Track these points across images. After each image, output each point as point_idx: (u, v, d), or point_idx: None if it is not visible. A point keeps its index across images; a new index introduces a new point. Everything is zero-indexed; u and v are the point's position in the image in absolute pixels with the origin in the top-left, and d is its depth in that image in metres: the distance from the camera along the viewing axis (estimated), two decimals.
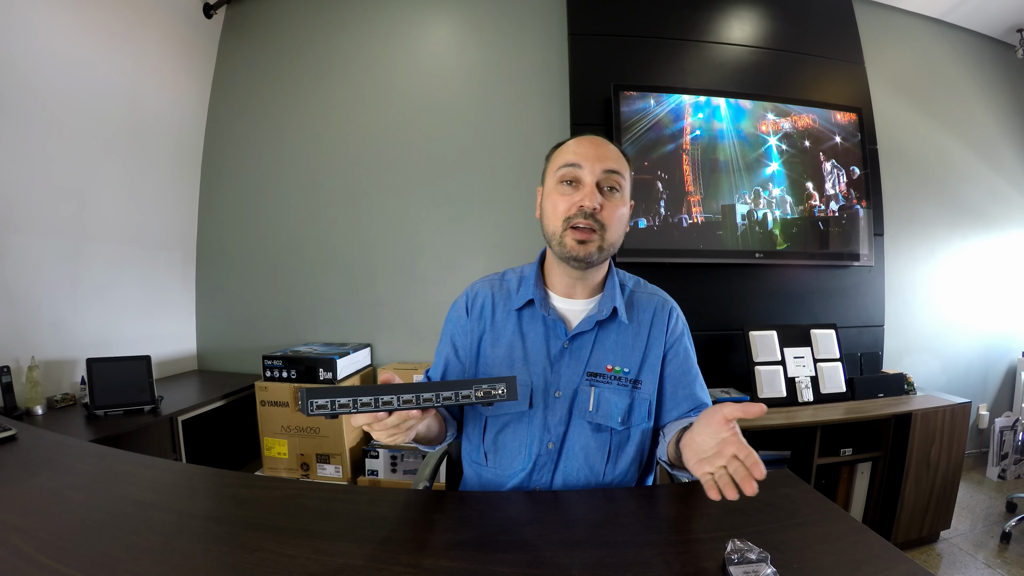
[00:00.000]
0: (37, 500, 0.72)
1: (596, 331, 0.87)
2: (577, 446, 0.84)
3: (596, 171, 0.80)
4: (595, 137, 0.84)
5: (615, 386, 0.85)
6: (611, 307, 0.86)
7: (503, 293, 0.92)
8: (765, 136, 2.22)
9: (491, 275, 0.97)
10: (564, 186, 0.82)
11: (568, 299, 0.89)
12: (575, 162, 0.81)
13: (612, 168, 0.81)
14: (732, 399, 1.98)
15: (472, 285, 0.96)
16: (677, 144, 2.15)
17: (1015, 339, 2.70)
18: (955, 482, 1.95)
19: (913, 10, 2.58)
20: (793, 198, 2.23)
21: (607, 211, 0.80)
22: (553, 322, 0.87)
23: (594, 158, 0.80)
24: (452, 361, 0.93)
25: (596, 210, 0.79)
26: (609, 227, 0.80)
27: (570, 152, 0.82)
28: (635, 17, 2.26)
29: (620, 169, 0.82)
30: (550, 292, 0.90)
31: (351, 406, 0.59)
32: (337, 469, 2.00)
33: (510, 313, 0.90)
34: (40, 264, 1.76)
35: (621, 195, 0.82)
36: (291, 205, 2.45)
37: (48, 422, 1.59)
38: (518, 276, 0.94)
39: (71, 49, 1.84)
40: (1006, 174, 2.69)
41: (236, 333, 2.48)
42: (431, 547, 0.61)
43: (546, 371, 0.85)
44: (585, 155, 0.81)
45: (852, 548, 0.61)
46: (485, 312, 0.91)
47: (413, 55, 2.42)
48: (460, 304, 0.95)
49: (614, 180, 0.81)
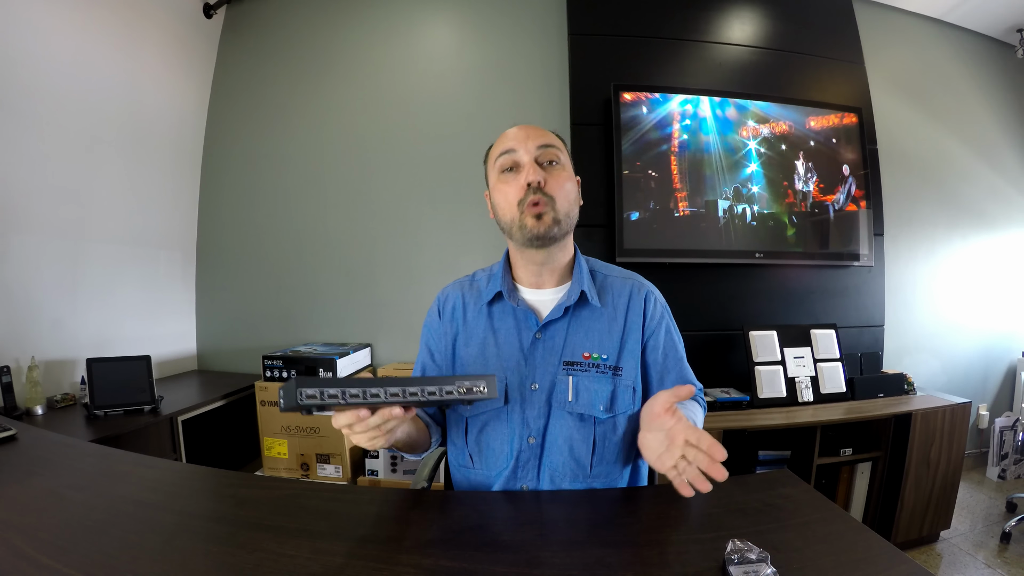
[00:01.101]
0: (37, 500, 0.72)
1: (568, 319, 0.86)
2: (560, 439, 0.82)
3: (531, 149, 0.82)
4: (526, 124, 0.86)
5: (594, 373, 0.84)
6: (579, 291, 0.85)
7: (473, 292, 0.93)
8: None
9: (461, 278, 0.98)
10: (507, 174, 0.83)
11: (536, 290, 0.89)
12: (508, 148, 0.83)
13: (545, 143, 0.83)
14: (732, 399, 1.99)
15: (443, 289, 0.97)
16: (667, 146, 2.16)
17: (1015, 339, 2.69)
18: (955, 482, 1.95)
19: (913, 10, 2.58)
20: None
21: (552, 182, 0.81)
22: (524, 313, 0.86)
23: (525, 138, 0.83)
24: (429, 366, 0.94)
25: (541, 184, 0.80)
26: (557, 197, 0.81)
27: (503, 141, 0.85)
28: (635, 17, 2.26)
29: (554, 143, 0.84)
30: (518, 286, 0.90)
31: (340, 397, 0.57)
32: (337, 469, 2.00)
33: (481, 310, 0.90)
34: (40, 264, 1.76)
35: (561, 166, 0.84)
36: (291, 205, 2.45)
37: (48, 422, 1.59)
38: (487, 274, 0.95)
39: (71, 49, 1.84)
40: (1006, 174, 2.69)
41: (236, 333, 2.48)
42: (431, 547, 0.61)
43: (520, 364, 0.84)
44: (516, 137, 0.83)
45: (852, 548, 0.61)
46: (456, 313, 0.92)
47: (413, 55, 2.42)
48: (432, 310, 0.96)
49: (551, 154, 0.83)
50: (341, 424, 0.63)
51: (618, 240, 2.07)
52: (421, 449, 0.90)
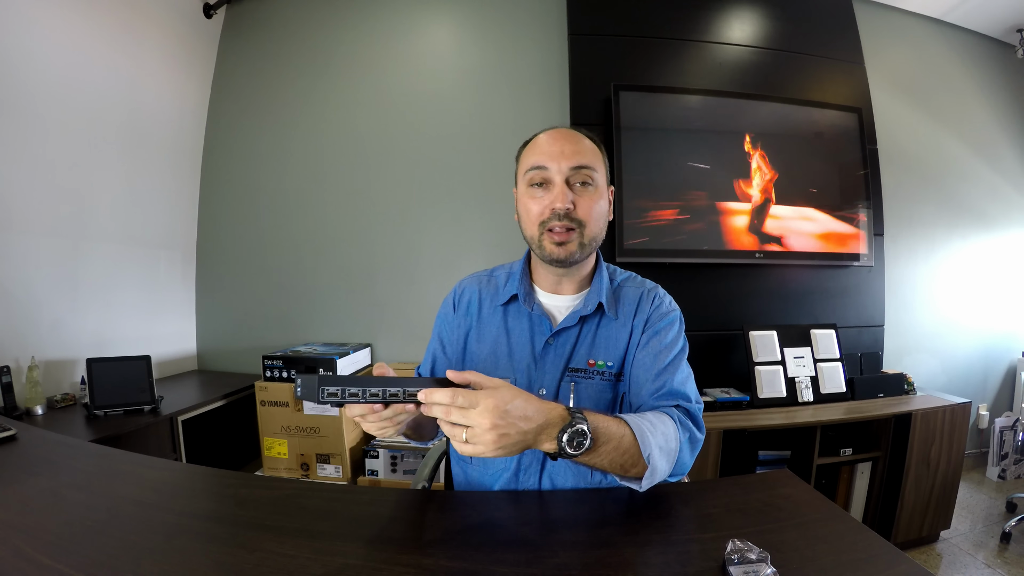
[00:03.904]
0: (37, 500, 0.72)
1: (580, 326, 0.84)
2: None
3: (564, 169, 0.78)
4: (560, 131, 0.81)
5: (598, 381, 0.82)
6: (596, 302, 0.83)
7: (490, 289, 0.91)
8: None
9: (480, 272, 0.96)
10: (535, 188, 0.80)
11: (554, 295, 0.87)
12: (541, 164, 0.79)
13: (580, 164, 0.78)
14: (732, 399, 1.99)
15: (460, 282, 0.96)
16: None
17: (1015, 339, 2.69)
18: (955, 482, 1.95)
19: (913, 10, 2.58)
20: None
21: (582, 207, 0.78)
22: (538, 318, 0.85)
23: (560, 156, 0.78)
24: (439, 357, 0.93)
25: (570, 209, 0.77)
26: (588, 222, 0.79)
27: (536, 153, 0.80)
28: (635, 17, 2.26)
29: (589, 163, 0.79)
30: (536, 287, 0.88)
31: (360, 396, 0.57)
32: (337, 469, 2.00)
33: (496, 309, 0.88)
34: (40, 264, 1.76)
35: (595, 187, 0.80)
36: (291, 205, 2.45)
37: (48, 422, 1.59)
38: (506, 272, 0.93)
39: (71, 49, 1.84)
40: (1006, 174, 2.69)
41: (236, 333, 2.48)
42: (431, 547, 0.61)
43: (530, 368, 0.84)
44: (551, 155, 0.78)
45: (852, 548, 0.61)
46: (472, 308, 0.91)
47: (413, 55, 2.42)
48: (448, 301, 0.95)
49: (584, 175, 0.78)
50: (355, 414, 0.63)
51: (618, 240, 2.07)
52: (430, 437, 0.90)
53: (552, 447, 0.62)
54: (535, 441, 0.61)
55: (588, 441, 0.62)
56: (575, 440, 0.61)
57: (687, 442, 0.74)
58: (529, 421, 0.59)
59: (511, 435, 0.57)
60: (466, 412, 0.56)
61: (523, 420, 0.58)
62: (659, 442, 0.68)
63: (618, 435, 0.66)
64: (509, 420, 0.57)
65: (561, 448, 0.61)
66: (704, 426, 0.79)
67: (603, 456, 0.65)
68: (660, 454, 0.68)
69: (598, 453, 0.64)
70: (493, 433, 0.56)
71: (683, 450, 0.73)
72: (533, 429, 0.59)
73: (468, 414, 0.56)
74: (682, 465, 0.73)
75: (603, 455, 0.65)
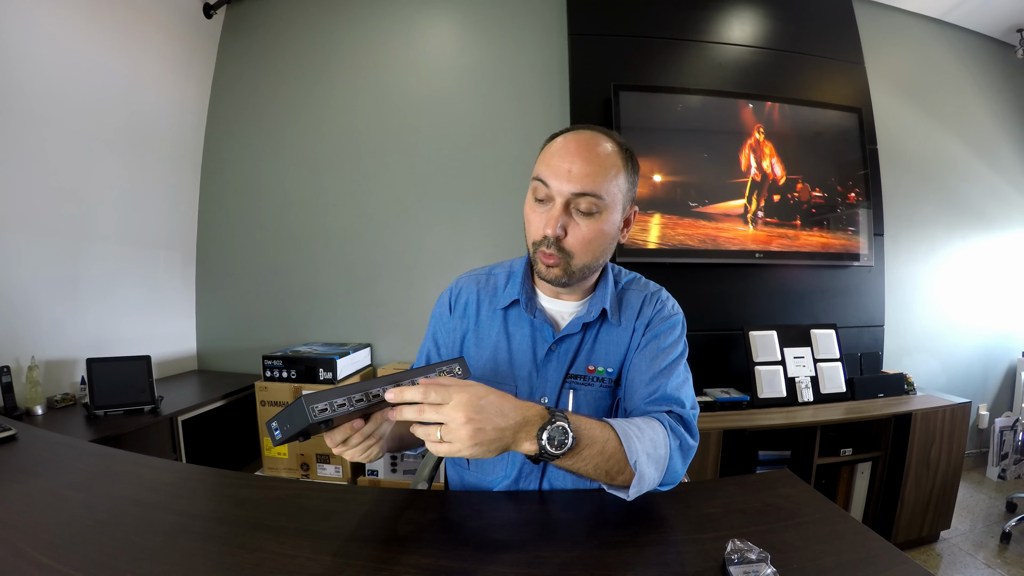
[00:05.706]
0: (37, 500, 0.71)
1: (582, 333, 0.81)
2: None
3: (565, 192, 0.70)
4: (578, 141, 0.72)
5: (597, 387, 0.80)
6: (600, 308, 0.80)
7: (489, 290, 0.87)
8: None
9: (478, 270, 0.92)
10: (536, 202, 0.74)
11: (557, 299, 0.83)
12: (545, 178, 0.71)
13: (584, 191, 0.69)
14: (732, 399, 1.99)
15: (457, 280, 0.91)
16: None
17: (1015, 339, 2.70)
18: (955, 482, 1.95)
19: (913, 10, 2.58)
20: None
21: (573, 237, 0.71)
22: (540, 324, 0.81)
23: (565, 176, 0.70)
24: (434, 358, 0.90)
25: (560, 237, 0.71)
26: (576, 254, 0.72)
27: (546, 162, 0.73)
28: (635, 17, 2.26)
29: (595, 189, 0.70)
30: (539, 291, 0.84)
31: (348, 404, 0.56)
32: (337, 469, 2.00)
33: (495, 312, 0.85)
34: (40, 264, 1.76)
35: (598, 215, 0.72)
36: (291, 205, 2.45)
37: (48, 422, 1.59)
38: (506, 272, 0.88)
39: (71, 49, 1.84)
40: (1006, 174, 2.69)
41: (236, 333, 2.48)
42: (431, 547, 0.61)
43: (532, 375, 0.81)
44: (556, 172, 0.70)
45: (852, 548, 0.61)
46: (469, 310, 0.87)
47: (413, 55, 2.42)
48: (443, 300, 0.91)
49: (588, 203, 0.70)
50: (336, 441, 0.61)
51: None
52: (415, 444, 0.87)
53: (532, 447, 0.59)
54: (514, 440, 0.59)
55: (571, 440, 0.60)
56: (556, 439, 0.59)
57: (677, 449, 0.71)
58: (506, 418, 0.57)
59: (487, 431, 0.56)
60: (439, 408, 0.55)
61: (499, 416, 0.57)
62: (647, 448, 0.65)
63: (602, 439, 0.63)
64: (485, 415, 0.56)
65: (542, 448, 0.59)
66: (698, 433, 0.76)
67: (587, 461, 0.63)
68: (648, 461, 0.65)
69: (582, 457, 0.62)
70: (468, 427, 0.55)
71: (673, 457, 0.70)
72: (511, 426, 0.58)
73: (441, 410, 0.55)
74: (673, 473, 0.70)
75: (587, 459, 0.63)
